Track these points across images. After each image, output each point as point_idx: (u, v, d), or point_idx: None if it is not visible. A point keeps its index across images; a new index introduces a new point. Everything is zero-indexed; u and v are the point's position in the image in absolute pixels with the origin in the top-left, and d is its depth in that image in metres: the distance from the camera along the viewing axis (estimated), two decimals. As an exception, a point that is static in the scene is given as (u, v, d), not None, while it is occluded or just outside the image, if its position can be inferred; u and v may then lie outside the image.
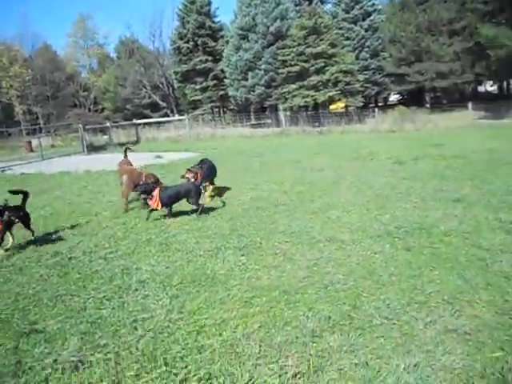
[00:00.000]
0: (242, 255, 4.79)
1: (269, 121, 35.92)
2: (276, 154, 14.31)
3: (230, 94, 36.87)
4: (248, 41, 35.12)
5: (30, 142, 34.84)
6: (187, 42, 39.84)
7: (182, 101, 49.23)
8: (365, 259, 4.54)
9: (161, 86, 50.36)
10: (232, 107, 45.01)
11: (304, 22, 34.12)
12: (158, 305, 3.67)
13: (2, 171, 14.87)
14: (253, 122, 37.43)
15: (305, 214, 6.39)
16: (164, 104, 50.70)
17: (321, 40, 33.70)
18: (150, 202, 6.43)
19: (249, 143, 19.48)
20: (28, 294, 4.08)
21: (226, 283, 4.08)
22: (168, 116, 45.93)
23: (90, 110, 54.58)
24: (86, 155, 18.53)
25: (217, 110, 43.89)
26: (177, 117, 30.28)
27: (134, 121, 24.56)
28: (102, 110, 55.66)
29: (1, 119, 51.90)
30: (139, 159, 14.58)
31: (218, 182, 9.26)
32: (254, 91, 34.44)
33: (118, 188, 9.02)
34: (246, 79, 34.79)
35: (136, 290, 4.03)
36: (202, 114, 39.20)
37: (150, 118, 42.63)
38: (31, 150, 33.44)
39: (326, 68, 33.16)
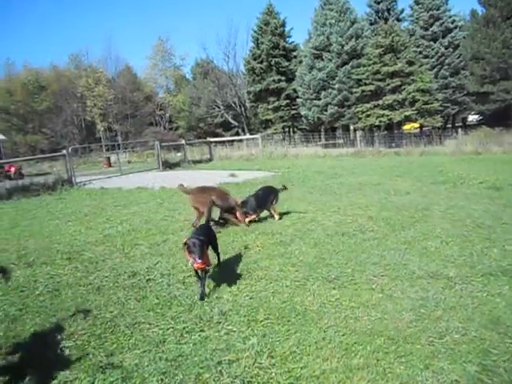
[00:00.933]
0: (334, 288, 4.25)
1: (340, 141, 35.18)
2: (354, 175, 13.61)
3: (303, 113, 36.65)
4: (322, 60, 34.84)
5: (108, 158, 36.74)
6: (261, 62, 40.35)
7: (253, 120, 49.81)
8: (482, 303, 3.83)
9: (233, 105, 51.28)
10: (302, 127, 44.72)
11: (380, 40, 33.25)
12: (243, 344, 3.23)
13: (84, 185, 15.43)
14: (323, 141, 36.86)
15: (397, 244, 5.73)
16: (236, 123, 51.51)
17: (397, 58, 32.62)
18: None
19: (323, 163, 18.89)
20: (105, 319, 3.82)
21: (318, 322, 3.56)
22: (239, 135, 46.53)
23: (165, 128, 56.75)
24: (161, 171, 18.88)
25: (287, 129, 43.78)
26: (249, 136, 30.36)
27: (208, 139, 24.90)
28: (177, 128, 57.67)
29: (84, 136, 55.41)
30: (214, 177, 14.62)
31: (297, 203, 8.81)
32: (326, 110, 33.95)
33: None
34: (319, 98, 34.40)
35: (218, 322, 3.63)
36: (274, 134, 39.21)
37: (222, 136, 43.50)
38: (110, 166, 35.19)
39: (403, 87, 31.98)
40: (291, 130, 45.17)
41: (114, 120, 54.47)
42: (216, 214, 7.12)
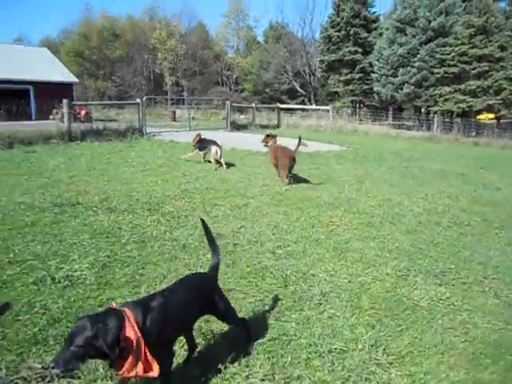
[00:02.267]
0: (440, 285, 3.83)
1: (409, 123, 33.46)
2: (434, 161, 12.75)
3: (375, 89, 35.06)
4: (405, 34, 32.85)
5: (174, 112, 37.13)
6: (339, 30, 38.77)
7: (320, 91, 48.44)
8: None
9: (302, 73, 49.98)
10: (372, 103, 43.00)
11: (473, 19, 30.90)
12: (352, 333, 2.92)
13: (153, 136, 15.51)
14: (390, 121, 35.25)
15: (501, 244, 5.17)
16: (303, 92, 50.32)
17: (489, 41, 30.26)
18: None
19: (395, 144, 17.95)
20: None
21: (431, 322, 3.18)
22: (305, 104, 45.46)
23: (231, 89, 56.50)
24: (229, 132, 18.67)
25: (356, 104, 42.27)
26: (320, 106, 29.47)
27: (278, 105, 24.34)
28: (242, 90, 57.25)
29: (151, 88, 56.19)
30: (285, 144, 14.20)
31: (378, 183, 8.31)
32: (401, 89, 32.24)
33: (269, 171, 8.58)
34: (396, 76, 32.66)
35: (319, 303, 3.32)
36: (342, 107, 37.97)
37: (287, 103, 42.62)
38: (174, 120, 35.58)
39: (490, 73, 29.72)
40: (358, 105, 43.61)
41: (182, 75, 54.77)
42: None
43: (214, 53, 59.12)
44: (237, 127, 19.86)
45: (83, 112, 28.59)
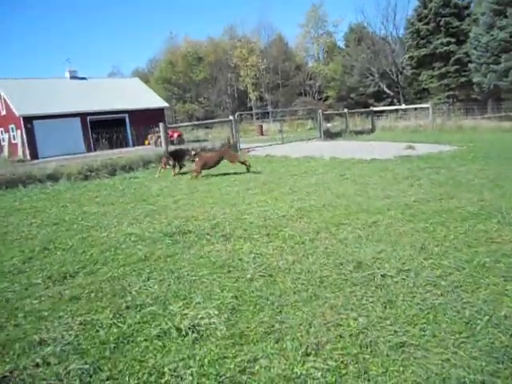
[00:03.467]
0: None
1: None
2: None
3: (475, 80, 32.10)
4: (505, 17, 29.75)
5: (261, 126, 37.17)
6: (427, 23, 36.36)
7: (407, 90, 45.83)
8: None
9: (389, 73, 47.68)
10: (467, 97, 39.59)
11: None
12: None
13: (248, 151, 15.18)
14: (490, 114, 31.94)
15: None
16: (390, 93, 47.98)
17: None
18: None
19: (513, 138, 15.88)
20: (352, 330, 2.84)
21: None
22: (394, 105, 43.17)
23: (314, 97, 55.63)
24: (323, 141, 17.85)
25: (452, 99, 39.21)
26: (421, 105, 27.52)
27: (371, 108, 23.07)
28: (326, 98, 56.11)
29: (236, 105, 57.20)
30: (387, 149, 13.08)
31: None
32: (507, 76, 29.10)
33: (385, 180, 7.62)
34: (498, 63, 29.62)
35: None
36: (437, 104, 35.34)
37: (374, 106, 40.68)
38: (262, 134, 35.58)
39: None
40: (452, 99, 40.40)
41: (266, 89, 55.09)
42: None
43: (295, 64, 58.80)
44: (330, 135, 18.97)
45: (176, 134, 29.52)
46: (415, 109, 24.30)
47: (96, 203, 7.90)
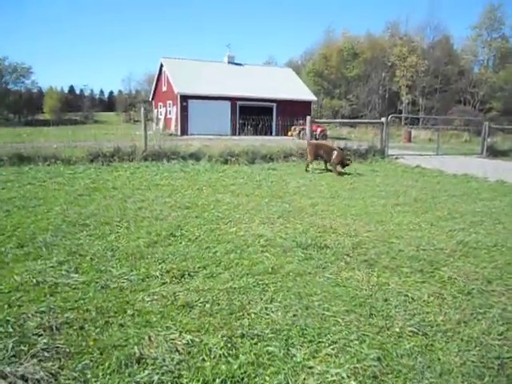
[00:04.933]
0: None
1: None
2: None
3: None
4: None
5: (410, 132, 34.63)
6: None
7: None
8: None
9: None
10: None
11: None
12: None
13: (396, 158, 13.87)
14: None
15: None
16: None
17: None
18: None
19: None
20: None
21: None
22: None
23: (475, 108, 50.26)
24: (486, 158, 15.56)
25: None
26: None
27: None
28: (489, 109, 50.21)
29: (385, 107, 54.42)
30: None
31: None
32: None
33: None
34: None
35: None
36: None
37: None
38: (409, 141, 33.11)
39: None
40: None
41: (420, 93, 51.36)
42: None
43: (459, 68, 53.63)
44: (494, 153, 16.48)
45: (319, 130, 28.92)
46: None
47: (231, 192, 7.60)
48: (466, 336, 2.87)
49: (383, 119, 14.55)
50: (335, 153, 10.50)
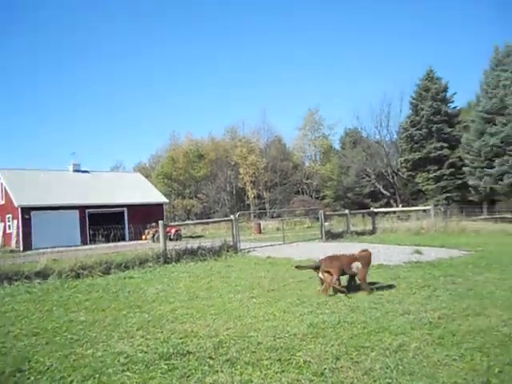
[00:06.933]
0: None
1: (508, 215, 30.12)
2: None
3: (471, 183, 32.75)
4: (494, 124, 31.17)
5: (259, 224, 36.98)
6: (420, 129, 38.10)
7: (403, 191, 46.65)
8: None
9: (385, 174, 48.91)
10: (462, 199, 40.13)
11: None
12: None
13: (248, 252, 14.68)
14: (485, 215, 32.05)
15: None
16: (387, 193, 48.78)
17: None
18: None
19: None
20: None
21: None
22: (391, 206, 43.66)
23: (311, 196, 56.41)
24: (325, 242, 17.41)
25: (449, 201, 39.76)
26: (423, 207, 27.69)
27: (372, 209, 23.02)
28: (323, 197, 56.87)
29: (234, 202, 57.78)
30: (393, 253, 12.58)
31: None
32: (501, 180, 29.68)
33: (404, 293, 7.05)
34: (492, 167, 30.40)
35: None
36: (436, 205, 35.68)
37: (370, 207, 41.02)
38: (260, 232, 35.25)
39: None
40: (448, 201, 40.93)
41: (264, 187, 56.01)
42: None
43: (293, 163, 60.52)
44: (331, 236, 18.58)
45: (173, 230, 29.21)
46: (417, 211, 24.28)
47: (85, 308, 7.20)
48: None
49: (232, 216, 15.53)
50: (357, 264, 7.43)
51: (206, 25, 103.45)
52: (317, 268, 7.57)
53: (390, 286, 7.62)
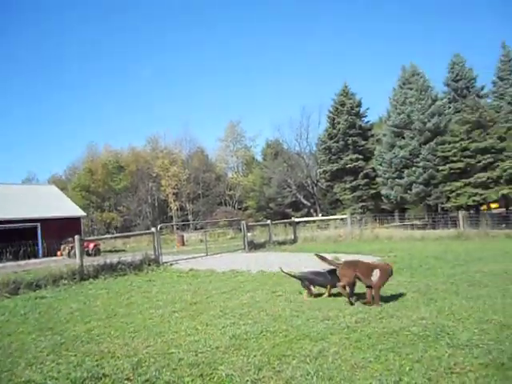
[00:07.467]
0: None
1: (419, 222, 32.54)
2: (483, 261, 11.42)
3: (383, 192, 34.85)
4: (403, 138, 33.58)
5: (182, 237, 36.45)
6: (337, 141, 39.94)
7: (323, 200, 48.56)
8: None
9: (305, 184, 50.55)
10: (376, 207, 42.64)
11: (466, 116, 31.72)
12: None
13: (171, 265, 14.35)
14: (397, 222, 34.34)
15: None
16: (308, 203, 50.41)
17: (487, 134, 30.67)
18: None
19: (427, 247, 16.70)
20: None
21: None
22: (311, 215, 45.17)
23: (234, 207, 56.76)
24: (248, 253, 17.52)
25: (365, 209, 41.96)
26: (340, 216, 28.87)
27: (293, 219, 23.60)
28: (246, 208, 57.44)
29: (156, 214, 56.48)
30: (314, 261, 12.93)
31: (454, 297, 6.90)
32: (411, 189, 31.94)
33: (324, 298, 7.27)
34: (402, 177, 32.63)
35: None
36: (352, 214, 37.47)
37: (291, 217, 42.22)
38: (183, 244, 34.71)
39: (496, 163, 29.63)
40: (363, 210, 43.27)
41: (187, 199, 55.41)
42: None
43: (216, 175, 60.61)
44: (254, 246, 18.74)
45: (91, 245, 27.90)
46: (335, 220, 25.31)
47: (-13, 335, 6.56)
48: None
49: (153, 229, 15.10)
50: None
51: (128, 35, 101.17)
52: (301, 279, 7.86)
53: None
